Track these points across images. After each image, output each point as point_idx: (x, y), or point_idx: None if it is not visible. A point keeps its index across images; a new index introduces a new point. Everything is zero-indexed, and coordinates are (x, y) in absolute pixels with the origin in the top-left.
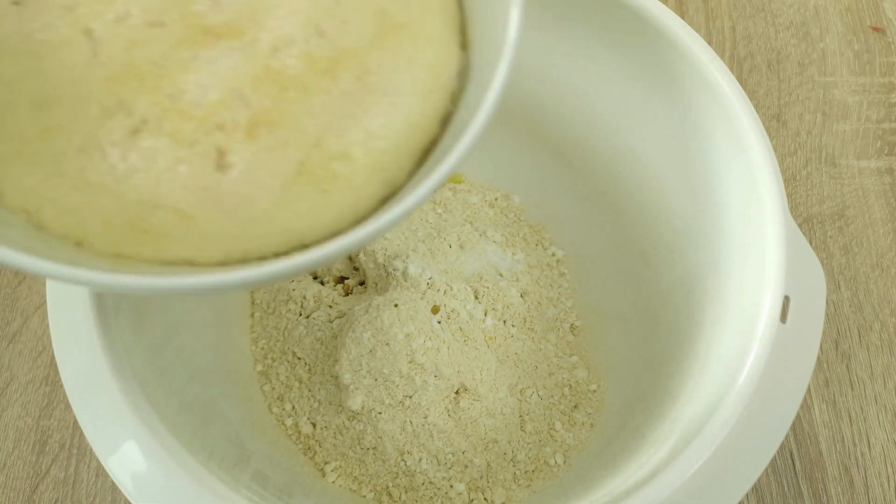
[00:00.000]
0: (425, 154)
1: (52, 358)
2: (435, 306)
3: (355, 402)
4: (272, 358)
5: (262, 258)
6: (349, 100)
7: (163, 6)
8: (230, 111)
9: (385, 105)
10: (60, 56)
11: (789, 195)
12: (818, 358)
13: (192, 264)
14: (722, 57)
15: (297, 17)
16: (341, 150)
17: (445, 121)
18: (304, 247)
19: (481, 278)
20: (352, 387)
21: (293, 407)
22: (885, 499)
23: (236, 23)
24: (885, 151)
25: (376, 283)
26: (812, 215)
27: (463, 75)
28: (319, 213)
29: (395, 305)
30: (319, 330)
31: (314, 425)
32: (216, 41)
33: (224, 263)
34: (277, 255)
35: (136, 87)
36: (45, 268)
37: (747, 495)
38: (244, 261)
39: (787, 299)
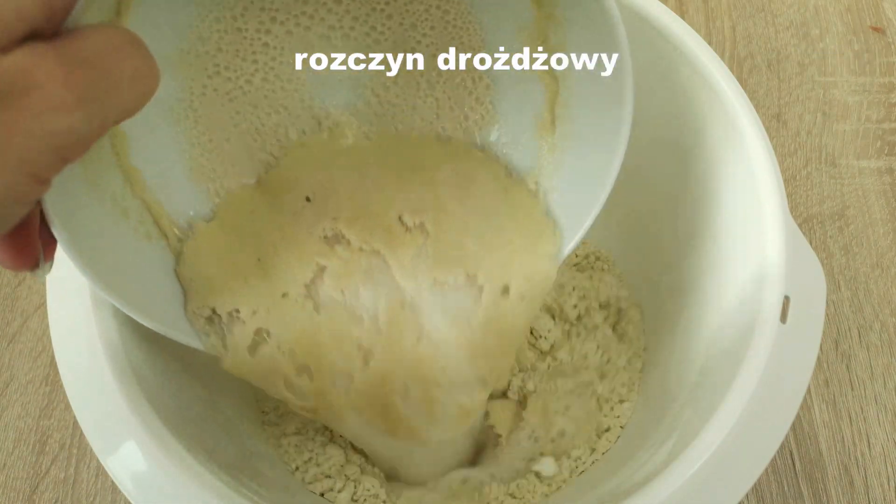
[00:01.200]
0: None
1: (52, 358)
2: None
3: None
4: None
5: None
6: (416, 407)
7: (370, 305)
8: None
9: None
10: (289, 254)
11: (789, 195)
12: (818, 358)
13: None
14: (722, 57)
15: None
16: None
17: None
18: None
19: None
20: None
21: None
22: (885, 499)
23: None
24: (885, 151)
25: None
26: (812, 215)
27: None
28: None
29: None
30: None
31: None
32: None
33: None
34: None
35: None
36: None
37: (747, 495)
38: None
39: (787, 299)
